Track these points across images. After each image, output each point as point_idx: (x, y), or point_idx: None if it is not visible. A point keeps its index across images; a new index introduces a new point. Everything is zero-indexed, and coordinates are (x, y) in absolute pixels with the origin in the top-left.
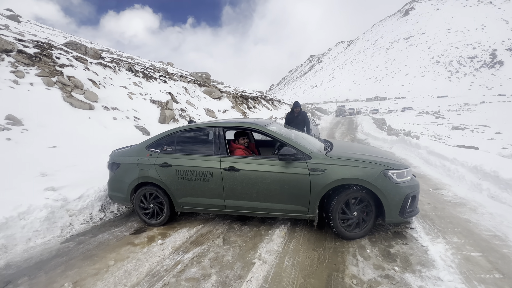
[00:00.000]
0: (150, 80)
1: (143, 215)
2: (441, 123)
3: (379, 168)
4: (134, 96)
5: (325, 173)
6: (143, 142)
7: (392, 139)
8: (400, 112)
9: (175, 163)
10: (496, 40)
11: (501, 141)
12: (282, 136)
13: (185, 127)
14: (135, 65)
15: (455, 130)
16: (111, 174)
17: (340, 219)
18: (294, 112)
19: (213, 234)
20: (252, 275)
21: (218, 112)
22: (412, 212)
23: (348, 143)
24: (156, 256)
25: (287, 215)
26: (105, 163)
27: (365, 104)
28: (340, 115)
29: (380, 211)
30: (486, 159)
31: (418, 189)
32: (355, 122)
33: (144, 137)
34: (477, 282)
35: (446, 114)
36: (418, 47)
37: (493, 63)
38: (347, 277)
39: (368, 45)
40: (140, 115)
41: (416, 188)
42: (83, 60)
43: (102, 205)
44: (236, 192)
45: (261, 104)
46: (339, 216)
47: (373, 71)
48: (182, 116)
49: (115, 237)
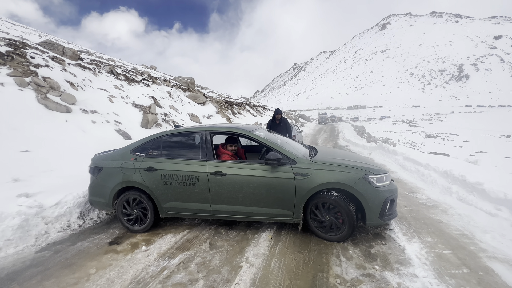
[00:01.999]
0: (132, 84)
1: (125, 221)
2: (415, 131)
3: (360, 173)
4: (115, 99)
5: (310, 177)
6: (128, 146)
7: (371, 145)
8: (379, 120)
9: (160, 167)
10: (462, 55)
11: (468, 148)
12: (269, 141)
13: (172, 131)
14: (116, 67)
15: (428, 138)
16: (93, 178)
17: (318, 221)
18: (276, 119)
19: (199, 239)
20: (239, 278)
21: (202, 117)
22: (391, 215)
23: (331, 149)
24: (141, 262)
25: (273, 219)
26: (84, 168)
27: (346, 112)
28: (323, 122)
29: (361, 214)
30: (455, 165)
31: (396, 193)
32: (336, 129)
33: (126, 142)
34: (448, 277)
35: (420, 123)
36: (394, 59)
37: (460, 77)
38: (331, 277)
39: (349, 56)
40: (121, 119)
41: (394, 192)
42: (60, 61)
43: (81, 212)
44: (222, 197)
45: (245, 110)
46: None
47: (353, 81)
48: (165, 121)
49: (96, 244)
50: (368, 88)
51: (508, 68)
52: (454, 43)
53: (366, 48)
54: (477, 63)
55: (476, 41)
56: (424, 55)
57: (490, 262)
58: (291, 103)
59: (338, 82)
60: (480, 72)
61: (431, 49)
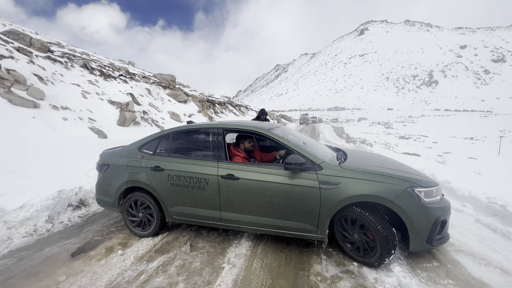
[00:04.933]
0: (109, 79)
1: (130, 223)
2: (390, 133)
3: (404, 185)
4: (89, 95)
5: (339, 187)
6: (136, 142)
7: (349, 146)
8: (357, 122)
9: (167, 167)
10: (432, 62)
11: (437, 149)
12: (289, 142)
13: (181, 128)
14: (90, 61)
15: (401, 139)
16: (99, 175)
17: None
18: (260, 119)
19: (179, 241)
20: (221, 280)
21: (183, 116)
22: (442, 239)
23: (364, 153)
24: (116, 267)
25: (292, 233)
26: (54, 168)
27: (326, 113)
28: (304, 122)
29: (403, 235)
30: (426, 164)
31: (449, 211)
32: (317, 129)
33: (101, 140)
34: (420, 271)
35: (394, 125)
36: (371, 64)
37: (430, 82)
38: (312, 275)
39: (329, 59)
40: (96, 116)
41: (447, 210)
42: (27, 53)
43: (50, 215)
44: (234, 204)
45: (228, 110)
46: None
47: (333, 83)
48: (144, 119)
49: (66, 250)
50: (347, 90)
51: (471, 76)
52: (425, 51)
53: (345, 52)
54: (445, 70)
55: (444, 49)
56: (398, 61)
57: (457, 255)
58: (273, 103)
59: (319, 84)
60: (448, 79)
61: (405, 55)
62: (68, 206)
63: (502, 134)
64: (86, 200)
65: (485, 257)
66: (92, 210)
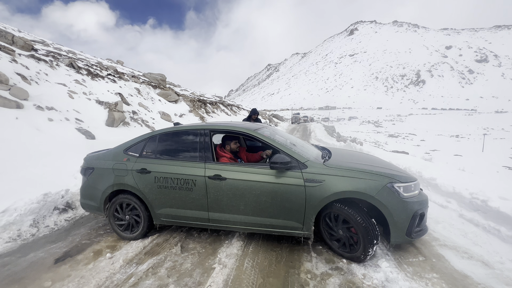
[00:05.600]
0: (96, 79)
1: (116, 227)
2: (379, 131)
3: (384, 181)
4: (76, 95)
5: (323, 184)
6: (121, 144)
7: (340, 145)
8: (347, 120)
9: (154, 169)
10: (420, 62)
11: (424, 147)
12: (275, 141)
13: (168, 129)
14: (77, 60)
15: (390, 137)
16: (84, 179)
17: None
18: (251, 119)
19: (169, 242)
20: (212, 280)
21: (174, 116)
22: (420, 231)
23: (348, 151)
24: (105, 271)
25: (279, 231)
26: (39, 170)
27: (318, 112)
28: (296, 122)
29: (384, 229)
30: (413, 162)
31: (427, 205)
32: (308, 129)
33: (88, 142)
34: (406, 266)
35: (383, 123)
36: (361, 64)
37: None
38: (303, 272)
39: (320, 58)
40: (84, 116)
41: (425, 204)
42: (10, 51)
43: (35, 219)
44: (222, 204)
45: (219, 109)
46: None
47: (324, 83)
48: (133, 119)
49: (52, 254)
50: (337, 90)
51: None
52: (412, 51)
53: (336, 51)
54: (431, 70)
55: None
56: (387, 61)
57: (441, 250)
58: (265, 103)
59: (310, 84)
60: (434, 78)
61: (393, 55)
62: (54, 210)
63: (485, 132)
64: (73, 203)
65: (468, 250)
66: (80, 213)
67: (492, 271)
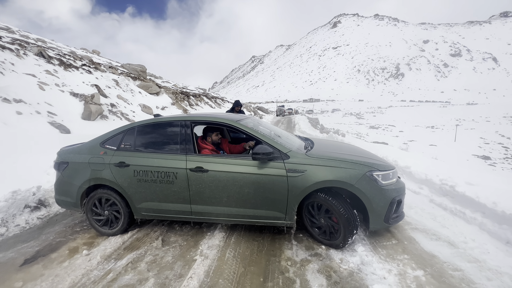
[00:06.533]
0: (70, 69)
1: (95, 222)
2: (361, 123)
3: (363, 169)
4: (48, 87)
5: (305, 174)
6: (98, 137)
7: (323, 136)
8: (331, 113)
9: (133, 163)
10: (399, 55)
11: (403, 138)
12: (257, 132)
13: (147, 121)
14: (47, 49)
15: (371, 129)
16: (58, 175)
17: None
18: (234, 111)
19: (150, 236)
20: (193, 272)
21: (156, 108)
22: (397, 217)
23: (330, 142)
24: (81, 268)
25: (262, 222)
26: (6, 167)
27: (302, 105)
28: (280, 114)
29: (364, 216)
30: (391, 152)
31: (404, 192)
32: (293, 121)
33: (63, 136)
34: (380, 249)
35: (365, 115)
36: (344, 56)
37: (397, 74)
38: (283, 260)
39: (304, 51)
40: (57, 110)
41: (402, 191)
42: None
43: (3, 218)
44: (204, 196)
45: (203, 102)
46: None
47: (308, 75)
48: (112, 112)
49: (23, 254)
50: (321, 82)
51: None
52: (392, 44)
53: (319, 44)
54: (410, 63)
55: (409, 43)
56: (369, 54)
57: (413, 233)
58: (250, 95)
59: (295, 76)
60: (412, 72)
61: (374, 48)
62: (25, 208)
63: (457, 123)
64: (46, 200)
65: (436, 232)
66: (54, 210)
67: (456, 250)
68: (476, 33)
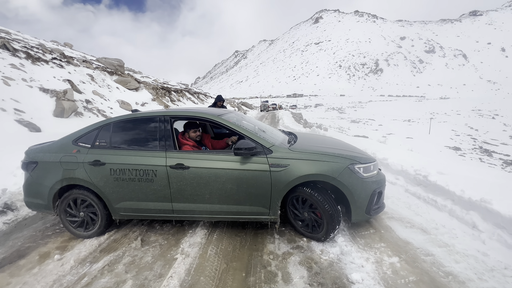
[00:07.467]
0: (38, 63)
1: (69, 224)
2: (343, 118)
3: (345, 162)
4: (13, 82)
5: (288, 168)
6: (70, 135)
7: (306, 130)
8: (314, 108)
9: (109, 161)
10: (378, 52)
11: (382, 131)
12: (239, 127)
13: (123, 117)
14: (12, 41)
15: (353, 123)
16: (27, 176)
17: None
18: (217, 106)
19: (129, 237)
20: (173, 271)
21: (135, 104)
22: (378, 208)
23: (313, 136)
24: (53, 274)
25: (246, 218)
26: None
27: (286, 100)
28: (264, 109)
29: (346, 209)
30: (370, 144)
31: (384, 184)
32: (277, 116)
33: (32, 134)
34: (359, 239)
35: (346, 110)
36: (326, 52)
37: (376, 70)
38: (265, 254)
39: (287, 46)
40: (24, 106)
41: (382, 182)
42: None
43: None
44: (186, 194)
45: (185, 97)
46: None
47: (292, 70)
48: (88, 109)
49: None
50: (304, 77)
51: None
52: (372, 41)
53: (302, 39)
54: (388, 59)
55: (387, 40)
56: (350, 50)
57: (389, 222)
58: (234, 90)
59: (278, 71)
60: (391, 67)
61: (355, 44)
62: None
63: (432, 116)
64: (13, 203)
65: (411, 220)
66: (23, 214)
67: (428, 237)
68: (448, 31)
